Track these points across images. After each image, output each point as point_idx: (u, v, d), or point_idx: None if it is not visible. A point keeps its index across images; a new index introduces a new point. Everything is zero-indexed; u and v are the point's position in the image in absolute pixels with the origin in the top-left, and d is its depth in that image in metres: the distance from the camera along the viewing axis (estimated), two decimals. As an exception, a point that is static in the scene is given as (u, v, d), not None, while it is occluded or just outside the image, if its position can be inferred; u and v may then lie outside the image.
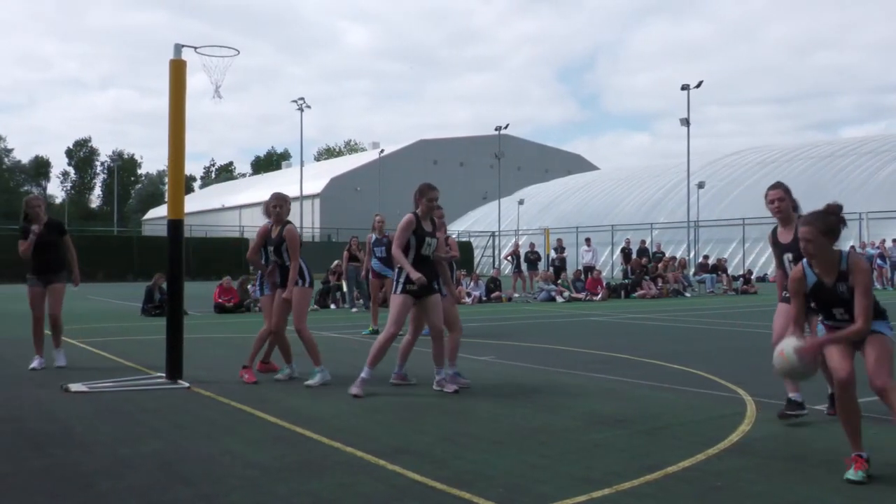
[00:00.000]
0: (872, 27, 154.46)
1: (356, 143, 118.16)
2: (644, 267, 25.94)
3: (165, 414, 6.42)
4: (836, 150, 47.28)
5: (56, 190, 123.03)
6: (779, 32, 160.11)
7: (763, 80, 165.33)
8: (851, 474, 4.38)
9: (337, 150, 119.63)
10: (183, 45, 8.09)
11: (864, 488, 4.27)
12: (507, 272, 31.97)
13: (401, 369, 7.78)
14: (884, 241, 30.52)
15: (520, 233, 50.32)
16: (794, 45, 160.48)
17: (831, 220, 4.60)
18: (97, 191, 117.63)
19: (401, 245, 7.33)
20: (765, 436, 5.50)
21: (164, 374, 7.99)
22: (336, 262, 20.91)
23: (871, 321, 4.53)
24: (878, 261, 28.91)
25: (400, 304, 7.31)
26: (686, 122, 40.44)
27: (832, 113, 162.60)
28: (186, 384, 7.65)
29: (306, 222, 61.32)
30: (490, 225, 57.69)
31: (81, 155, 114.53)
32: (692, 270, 30.62)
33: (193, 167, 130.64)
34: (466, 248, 54.12)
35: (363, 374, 7.24)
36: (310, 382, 7.74)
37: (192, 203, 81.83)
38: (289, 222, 8.13)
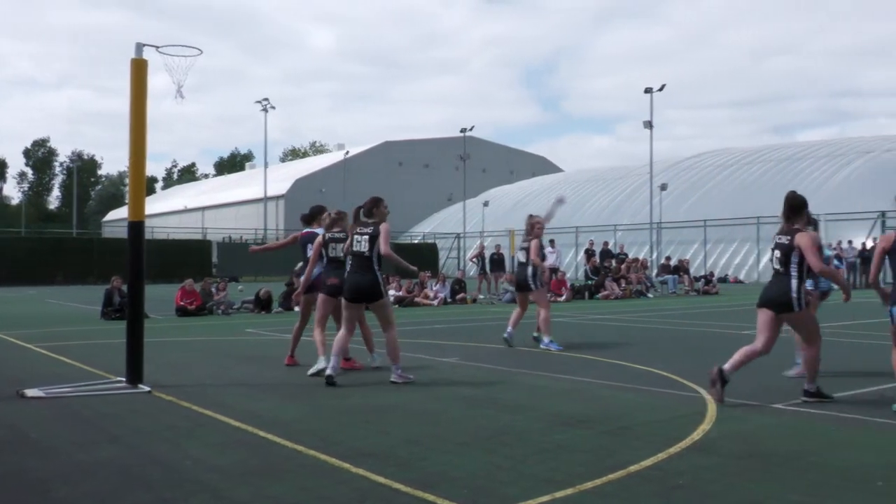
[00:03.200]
0: (826, 34, 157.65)
1: (321, 145, 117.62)
2: (605, 267, 26.14)
3: (125, 419, 6.33)
4: (793, 153, 48.07)
5: (13, 191, 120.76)
6: (736, 38, 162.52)
7: (722, 84, 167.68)
8: None
9: (302, 151, 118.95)
10: (144, 45, 7.98)
11: (822, 484, 4.34)
12: (472, 274, 32.01)
13: (336, 362, 7.95)
14: (840, 242, 31.08)
15: (485, 234, 50.44)
16: (752, 50, 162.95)
17: None
18: (56, 192, 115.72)
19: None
20: (725, 434, 5.57)
21: (124, 379, 7.87)
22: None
23: None
24: (836, 262, 29.35)
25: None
26: (649, 124, 40.88)
27: (789, 117, 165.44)
28: (147, 388, 7.55)
29: (270, 224, 60.90)
30: (455, 226, 57.78)
31: (40, 155, 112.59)
32: (654, 271, 30.91)
33: (155, 168, 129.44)
34: (432, 250, 54.16)
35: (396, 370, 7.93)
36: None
37: (153, 204, 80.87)
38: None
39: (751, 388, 7.42)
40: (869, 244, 32.23)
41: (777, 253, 6.79)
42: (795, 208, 6.90)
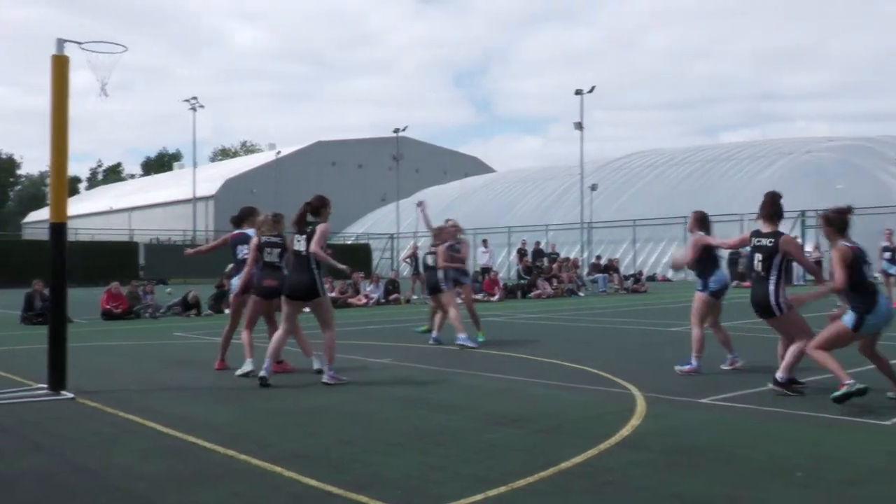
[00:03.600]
0: (747, 38, 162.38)
1: (252, 144, 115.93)
2: (537, 267, 26.42)
3: (48, 427, 6.14)
4: (718, 154, 49.36)
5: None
6: (662, 41, 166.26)
7: (648, 86, 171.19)
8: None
9: (232, 151, 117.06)
10: (66, 41, 7.74)
11: (746, 476, 4.47)
12: (405, 274, 31.99)
13: (269, 364, 7.98)
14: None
15: (418, 235, 50.44)
16: (676, 54, 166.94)
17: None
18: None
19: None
20: (653, 430, 5.68)
21: (46, 386, 7.62)
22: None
23: None
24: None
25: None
26: (580, 125, 41.44)
27: (713, 119, 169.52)
28: (71, 395, 7.33)
29: (199, 225, 59.83)
30: (388, 227, 57.60)
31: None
32: (586, 270, 31.37)
33: (79, 168, 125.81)
34: (365, 250, 53.89)
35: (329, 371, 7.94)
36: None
37: (77, 205, 78.57)
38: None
39: (679, 383, 7.60)
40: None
41: (759, 256, 6.81)
42: (780, 210, 7.01)
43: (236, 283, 9.13)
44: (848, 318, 6.31)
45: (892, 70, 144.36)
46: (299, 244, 7.97)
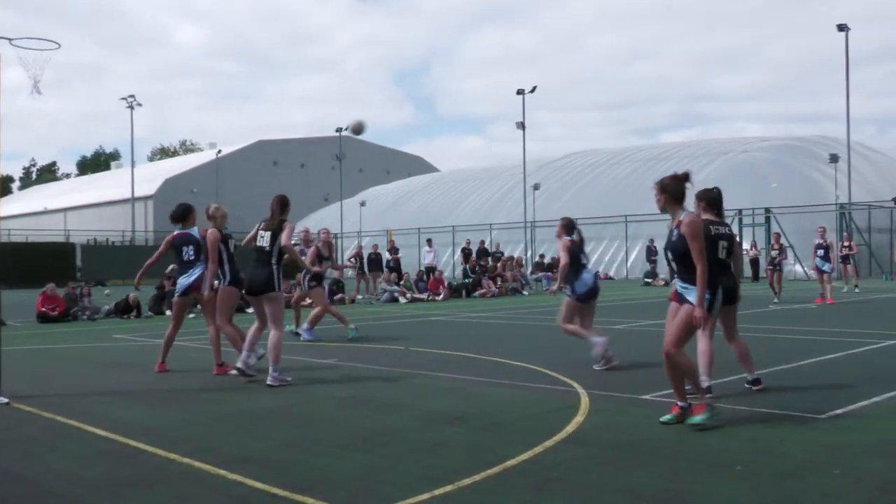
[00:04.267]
0: (684, 41, 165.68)
1: (192, 144, 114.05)
2: (481, 266, 26.54)
3: (-20, 433, 5.95)
4: (658, 153, 50.19)
5: None
6: (602, 43, 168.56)
7: (588, 87, 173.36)
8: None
9: (172, 150, 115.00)
10: (-4, 36, 7.53)
11: (688, 470, 4.55)
12: (350, 274, 31.84)
13: (247, 356, 8.18)
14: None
15: (362, 234, 50.24)
16: (616, 55, 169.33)
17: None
18: None
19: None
20: (597, 426, 5.75)
21: (-22, 390, 7.40)
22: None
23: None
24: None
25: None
26: (522, 125, 41.78)
27: (652, 119, 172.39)
28: (5, 400, 7.12)
29: (139, 225, 58.65)
30: (332, 226, 57.02)
31: None
32: (529, 269, 31.62)
33: (11, 167, 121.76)
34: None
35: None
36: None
37: (10, 205, 76.51)
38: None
39: (622, 380, 7.71)
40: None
41: (724, 244, 6.79)
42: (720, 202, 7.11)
43: (184, 282, 8.93)
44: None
45: (822, 73, 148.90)
46: (262, 240, 8.05)
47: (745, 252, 33.68)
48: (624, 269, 39.08)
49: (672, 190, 5.92)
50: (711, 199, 6.98)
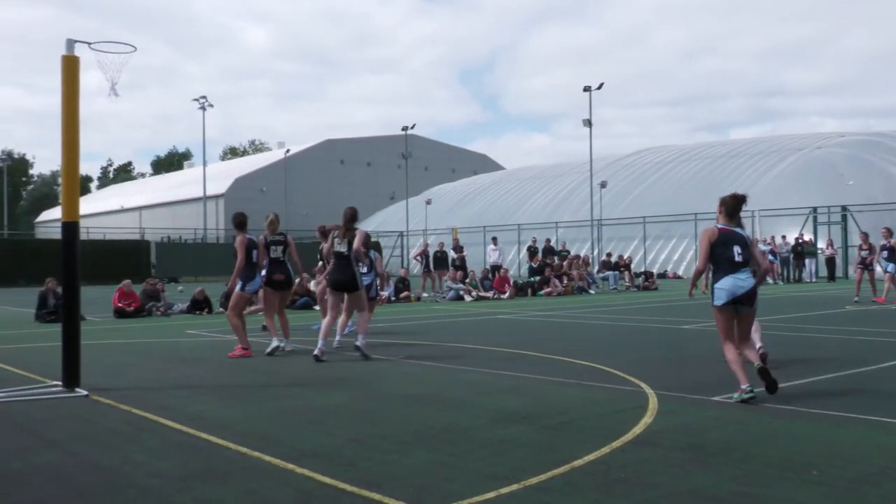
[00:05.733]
0: (749, 35, 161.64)
1: (261, 143, 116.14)
2: (547, 264, 26.39)
3: (62, 423, 6.17)
4: (728, 150, 49.15)
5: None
6: (666, 39, 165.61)
7: (654, 83, 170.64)
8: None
9: (242, 149, 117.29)
10: (76, 41, 7.78)
11: (760, 474, 4.45)
12: (416, 272, 32.02)
13: (323, 344, 9.52)
14: (773, 237, 31.89)
15: (428, 232, 50.44)
16: (682, 51, 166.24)
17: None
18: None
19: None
20: (666, 427, 5.67)
21: (60, 383, 7.68)
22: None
23: None
24: (770, 256, 30.22)
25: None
26: (588, 122, 41.35)
27: (721, 115, 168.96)
28: (84, 392, 7.37)
29: (210, 223, 59.95)
30: (398, 225, 57.62)
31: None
32: (596, 268, 31.30)
33: (90, 167, 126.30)
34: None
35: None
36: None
37: (88, 204, 78.95)
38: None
39: (692, 381, 7.58)
40: (807, 237, 33.13)
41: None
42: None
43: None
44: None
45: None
46: (341, 247, 9.61)
47: (820, 251, 32.77)
48: (693, 268, 38.39)
49: (727, 205, 6.84)
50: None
